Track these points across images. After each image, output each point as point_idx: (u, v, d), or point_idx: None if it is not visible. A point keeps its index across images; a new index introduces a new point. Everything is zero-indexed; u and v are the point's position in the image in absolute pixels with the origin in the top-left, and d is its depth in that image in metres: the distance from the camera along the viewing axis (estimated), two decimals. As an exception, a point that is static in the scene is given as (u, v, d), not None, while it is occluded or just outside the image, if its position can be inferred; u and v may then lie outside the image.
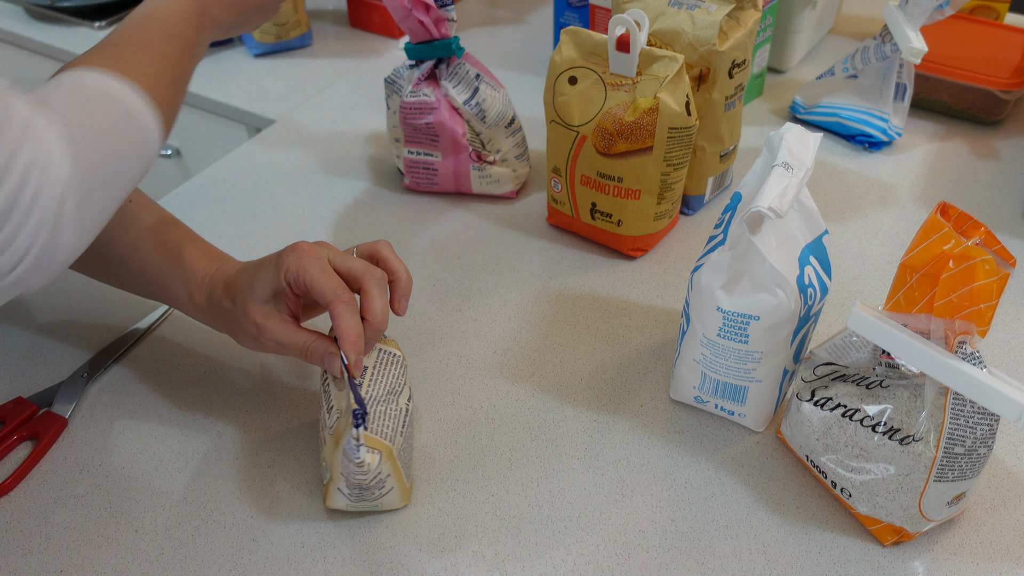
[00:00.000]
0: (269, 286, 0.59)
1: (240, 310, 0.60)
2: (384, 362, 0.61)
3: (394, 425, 0.57)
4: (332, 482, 0.57)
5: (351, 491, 0.57)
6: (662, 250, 0.83)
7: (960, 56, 0.97)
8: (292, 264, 0.58)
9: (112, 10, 1.24)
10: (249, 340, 0.61)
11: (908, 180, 0.91)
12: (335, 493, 0.58)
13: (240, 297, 0.60)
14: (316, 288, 0.57)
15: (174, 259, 0.64)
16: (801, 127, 0.59)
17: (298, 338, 0.60)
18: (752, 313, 0.57)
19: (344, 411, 0.57)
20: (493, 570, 0.57)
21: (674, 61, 0.71)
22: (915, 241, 0.51)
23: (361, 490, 0.57)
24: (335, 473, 0.57)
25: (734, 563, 0.57)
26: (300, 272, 0.58)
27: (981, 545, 0.58)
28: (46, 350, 0.73)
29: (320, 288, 0.57)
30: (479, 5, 1.28)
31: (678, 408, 0.68)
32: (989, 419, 0.51)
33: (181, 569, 0.57)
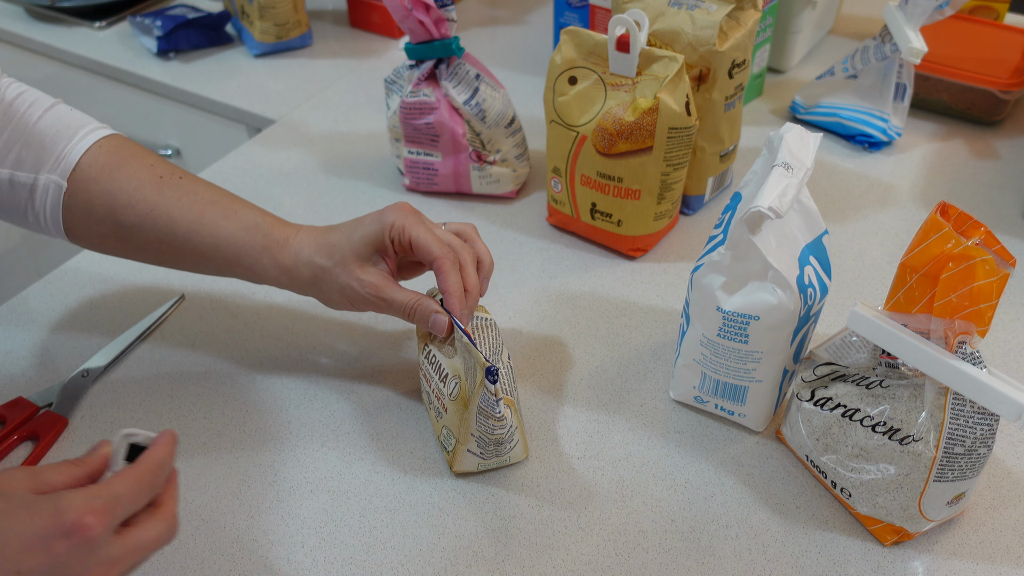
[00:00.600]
0: (371, 243, 0.61)
1: (340, 266, 0.61)
2: (481, 326, 0.63)
3: (510, 380, 0.60)
4: (460, 445, 0.60)
5: (484, 449, 0.60)
6: (662, 250, 0.83)
7: (960, 56, 0.97)
8: (398, 221, 0.60)
9: (112, 10, 1.24)
10: (343, 298, 0.63)
11: (908, 180, 0.91)
12: (464, 456, 0.60)
13: (340, 254, 0.61)
14: (422, 245, 0.60)
15: (249, 227, 0.64)
16: (801, 127, 0.59)
17: (403, 296, 0.61)
18: (752, 313, 0.57)
19: (464, 373, 0.59)
20: (493, 570, 0.57)
21: (674, 61, 0.71)
22: (915, 241, 0.51)
23: (497, 445, 0.59)
24: (463, 436, 0.59)
25: (734, 563, 0.57)
26: (406, 229, 0.60)
27: (981, 545, 0.58)
28: (46, 350, 0.73)
29: (427, 246, 0.60)
30: (479, 5, 1.28)
31: (678, 408, 0.68)
32: (989, 419, 0.51)
33: (181, 569, 0.57)
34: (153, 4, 1.26)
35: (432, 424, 0.65)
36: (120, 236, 0.65)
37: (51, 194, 0.63)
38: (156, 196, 0.63)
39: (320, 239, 0.63)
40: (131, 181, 0.63)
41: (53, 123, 0.64)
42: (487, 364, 0.55)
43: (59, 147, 0.63)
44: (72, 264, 0.82)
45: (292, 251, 0.63)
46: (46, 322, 0.76)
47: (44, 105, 0.64)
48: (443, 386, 0.61)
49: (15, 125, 0.63)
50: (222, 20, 1.17)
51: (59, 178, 0.63)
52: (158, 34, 1.13)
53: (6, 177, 0.63)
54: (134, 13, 1.22)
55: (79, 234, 0.65)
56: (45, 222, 0.64)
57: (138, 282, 0.80)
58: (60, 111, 0.64)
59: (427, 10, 0.77)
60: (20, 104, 0.63)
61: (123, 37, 1.20)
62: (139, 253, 0.66)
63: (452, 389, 0.60)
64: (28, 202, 0.64)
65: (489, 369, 0.55)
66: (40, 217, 0.64)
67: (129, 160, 0.64)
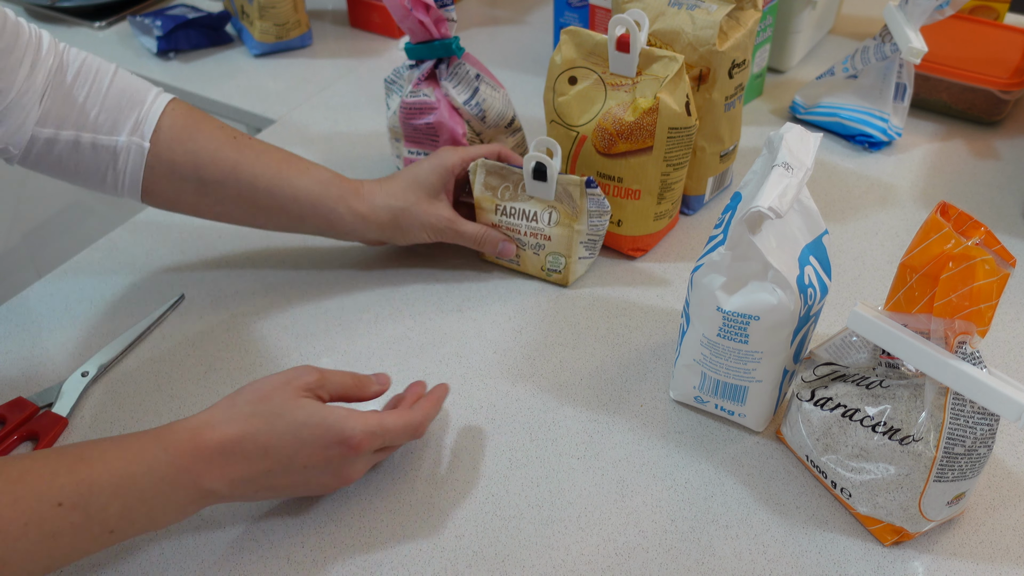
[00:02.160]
0: (439, 182, 0.74)
1: (417, 205, 0.73)
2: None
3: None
4: (571, 259, 0.76)
5: (591, 247, 0.76)
6: (662, 250, 0.83)
7: (960, 56, 0.97)
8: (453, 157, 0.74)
9: (112, 10, 1.24)
10: (423, 232, 0.75)
11: (908, 180, 0.91)
12: (576, 264, 0.77)
13: (415, 195, 0.73)
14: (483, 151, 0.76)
15: (323, 180, 0.73)
16: (801, 127, 0.58)
17: (473, 227, 0.75)
18: (752, 313, 0.57)
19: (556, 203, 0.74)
20: (493, 570, 0.57)
21: (674, 61, 0.71)
22: (915, 241, 0.51)
23: (600, 239, 0.76)
24: (572, 249, 0.75)
25: (734, 563, 0.57)
26: (465, 154, 0.75)
27: (981, 545, 0.58)
28: (46, 350, 0.73)
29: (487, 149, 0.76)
30: (479, 5, 1.28)
31: (678, 408, 0.68)
32: (989, 419, 0.51)
33: (181, 569, 0.57)
34: (153, 4, 1.26)
35: (526, 268, 0.79)
36: (201, 192, 0.70)
37: (133, 155, 0.67)
38: (237, 154, 0.70)
39: (388, 187, 0.74)
40: (212, 140, 0.70)
41: (124, 87, 0.68)
42: (583, 178, 0.71)
43: (135, 111, 0.67)
44: (72, 264, 0.82)
45: (366, 199, 0.73)
46: (46, 322, 0.76)
47: (110, 70, 0.68)
48: (537, 223, 0.75)
49: (89, 89, 0.66)
50: (222, 20, 1.17)
51: (140, 140, 0.67)
52: (158, 34, 1.13)
53: (89, 141, 0.66)
54: (134, 13, 1.22)
55: (156, 192, 0.70)
56: (123, 183, 0.69)
57: (138, 282, 0.80)
58: (124, 76, 0.69)
59: (427, 10, 0.77)
60: (87, 69, 0.67)
61: (123, 37, 1.20)
62: (216, 207, 0.72)
63: (550, 218, 0.74)
64: (110, 164, 0.67)
65: (588, 180, 0.71)
66: (120, 178, 0.68)
67: (203, 122, 0.70)
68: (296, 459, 0.54)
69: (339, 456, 0.55)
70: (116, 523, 0.50)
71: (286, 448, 0.54)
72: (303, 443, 0.54)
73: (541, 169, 0.72)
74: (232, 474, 0.53)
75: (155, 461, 0.51)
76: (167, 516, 0.52)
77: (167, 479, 0.51)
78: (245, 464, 0.53)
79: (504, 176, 0.75)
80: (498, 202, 0.76)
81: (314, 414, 0.54)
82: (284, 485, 0.56)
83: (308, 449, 0.54)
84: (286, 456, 0.54)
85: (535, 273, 0.79)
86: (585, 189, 0.71)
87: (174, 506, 0.52)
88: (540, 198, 0.74)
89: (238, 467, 0.53)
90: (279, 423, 0.54)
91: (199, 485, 0.52)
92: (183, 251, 0.83)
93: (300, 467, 0.55)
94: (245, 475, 0.53)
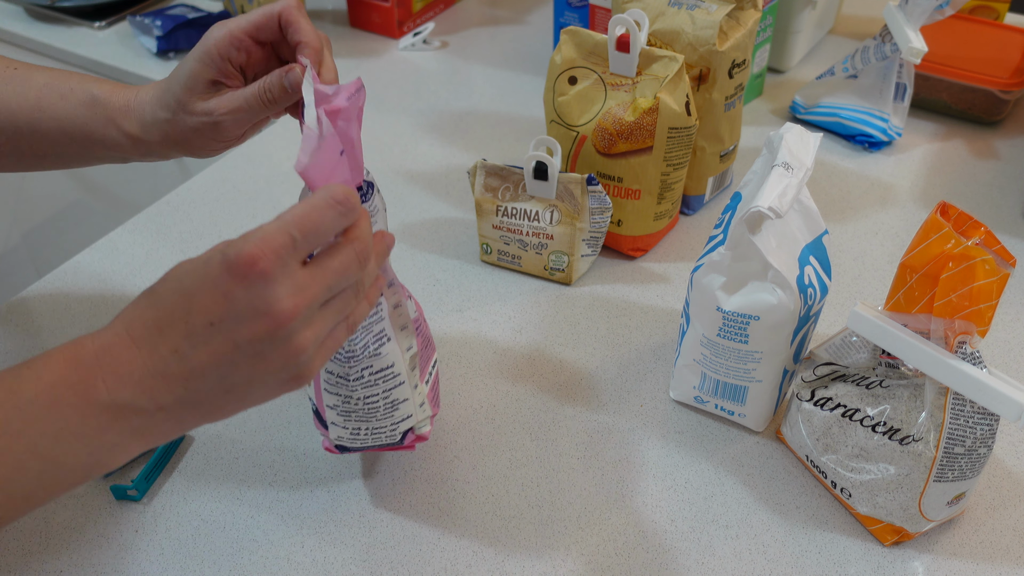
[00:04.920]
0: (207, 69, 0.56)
1: (185, 110, 0.56)
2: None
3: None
4: (573, 257, 0.76)
5: (593, 245, 0.76)
6: (662, 250, 0.83)
7: (960, 56, 0.97)
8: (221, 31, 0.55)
9: (112, 10, 1.24)
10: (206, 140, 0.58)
11: (908, 180, 0.91)
12: (579, 263, 0.77)
13: (181, 96, 0.56)
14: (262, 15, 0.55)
15: (88, 102, 0.59)
16: (801, 127, 0.59)
17: (249, 88, 0.56)
18: (752, 313, 0.57)
19: (557, 202, 0.73)
20: (493, 570, 0.57)
21: (674, 61, 0.71)
22: (915, 241, 0.51)
23: (601, 236, 0.76)
24: (575, 247, 0.75)
25: (734, 563, 0.57)
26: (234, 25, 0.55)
27: (981, 545, 0.58)
28: (46, 350, 0.73)
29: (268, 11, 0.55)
30: (479, 5, 1.28)
31: (678, 408, 0.68)
32: (989, 419, 0.51)
33: (181, 569, 0.57)
34: (153, 4, 1.26)
35: (528, 268, 0.79)
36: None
37: None
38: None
39: (156, 94, 0.58)
40: None
41: None
42: (584, 176, 0.71)
43: None
44: (72, 264, 0.82)
45: (136, 116, 0.59)
46: (46, 322, 0.76)
47: None
48: (539, 222, 0.74)
49: None
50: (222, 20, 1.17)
51: None
52: (158, 34, 1.13)
53: None
54: (134, 13, 1.22)
55: None
56: None
57: (138, 282, 0.80)
58: None
59: None
60: None
61: (123, 37, 1.20)
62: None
63: (552, 217, 0.74)
64: None
65: (589, 177, 0.71)
66: None
67: None
68: (193, 318, 0.40)
69: (241, 287, 0.39)
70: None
71: (177, 310, 0.40)
72: (190, 294, 0.40)
73: (542, 168, 0.72)
74: (131, 371, 0.40)
75: (16, 382, 0.40)
76: (70, 451, 0.40)
77: (38, 400, 0.40)
78: (139, 353, 0.40)
79: (504, 177, 0.75)
80: (499, 203, 0.75)
81: (196, 259, 0.41)
82: (209, 363, 0.41)
83: (200, 297, 0.40)
84: (181, 320, 0.40)
85: (538, 273, 0.79)
86: (586, 187, 0.72)
87: (71, 435, 0.40)
88: (541, 197, 0.74)
89: (134, 360, 0.40)
90: (160, 288, 0.41)
91: (91, 398, 0.40)
92: (183, 251, 0.83)
93: (205, 327, 0.40)
94: (148, 367, 0.40)
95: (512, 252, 0.78)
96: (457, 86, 1.08)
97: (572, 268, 0.77)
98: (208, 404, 0.42)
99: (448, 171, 0.93)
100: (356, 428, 0.56)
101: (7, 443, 0.39)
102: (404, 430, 0.58)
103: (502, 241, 0.78)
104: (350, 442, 0.57)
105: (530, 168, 0.72)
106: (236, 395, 0.42)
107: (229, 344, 0.40)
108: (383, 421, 0.56)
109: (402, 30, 1.18)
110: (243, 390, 0.42)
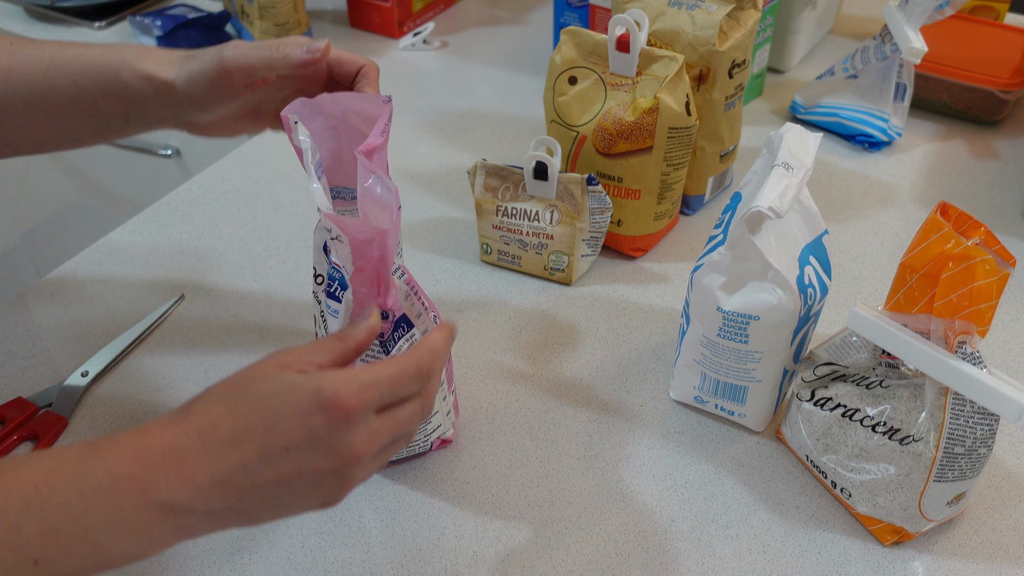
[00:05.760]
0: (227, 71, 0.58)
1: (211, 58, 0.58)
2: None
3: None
4: (574, 257, 0.76)
5: (593, 245, 0.76)
6: (662, 250, 0.83)
7: (960, 56, 0.97)
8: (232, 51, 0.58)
9: (112, 10, 1.24)
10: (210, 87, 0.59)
11: (908, 180, 0.91)
12: (579, 263, 0.77)
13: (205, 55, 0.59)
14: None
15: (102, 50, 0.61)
16: (801, 127, 0.59)
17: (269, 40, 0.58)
18: (752, 313, 0.57)
19: (557, 202, 0.73)
20: (493, 570, 0.57)
21: (674, 61, 0.71)
22: (915, 241, 0.51)
23: (601, 236, 0.76)
24: (575, 247, 0.75)
25: (734, 563, 0.57)
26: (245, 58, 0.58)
27: (981, 545, 0.58)
28: (46, 350, 0.73)
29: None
30: (479, 5, 1.28)
31: (678, 408, 0.68)
32: (989, 419, 0.51)
33: (181, 569, 0.57)
34: (153, 4, 1.26)
35: (528, 268, 0.78)
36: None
37: None
38: (7, 59, 0.60)
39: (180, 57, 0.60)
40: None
41: None
42: (584, 176, 0.71)
43: None
44: (72, 264, 0.82)
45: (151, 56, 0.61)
46: (46, 322, 0.76)
47: None
48: (539, 222, 0.74)
49: None
50: (222, 20, 1.17)
51: None
52: (158, 34, 1.13)
53: None
54: (134, 13, 1.22)
55: None
56: None
57: (138, 282, 0.80)
58: None
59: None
60: None
61: (123, 37, 1.20)
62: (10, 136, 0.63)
63: (552, 217, 0.74)
64: None
65: (589, 177, 0.71)
66: None
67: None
68: (272, 440, 0.42)
69: (325, 425, 0.42)
70: (39, 549, 0.39)
71: (257, 428, 0.42)
72: (276, 416, 0.42)
73: (542, 168, 0.72)
74: (195, 477, 0.41)
75: (83, 467, 0.40)
76: (117, 541, 0.41)
77: (101, 489, 0.40)
78: (208, 460, 0.41)
79: (504, 177, 0.75)
80: (499, 203, 0.75)
81: (284, 380, 0.43)
82: (270, 483, 0.42)
83: (284, 423, 0.42)
84: (260, 438, 0.42)
85: (538, 273, 0.79)
86: (586, 187, 0.72)
87: (122, 526, 0.40)
88: (541, 197, 0.74)
89: (200, 466, 0.41)
90: (243, 401, 0.42)
91: (151, 496, 0.40)
92: (183, 251, 0.83)
93: (281, 451, 0.42)
94: (213, 476, 0.41)
95: (512, 252, 0.78)
96: (457, 86, 1.08)
97: (572, 268, 0.77)
98: (251, 515, 0.44)
99: (448, 171, 0.93)
100: None
101: (65, 527, 0.40)
102: (435, 439, 0.62)
103: (502, 241, 0.77)
104: None
105: (530, 168, 0.72)
106: (278, 512, 0.45)
107: (296, 471, 0.42)
108: (418, 436, 0.59)
109: (402, 30, 1.18)
110: (286, 510, 0.45)
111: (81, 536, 0.40)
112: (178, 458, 0.41)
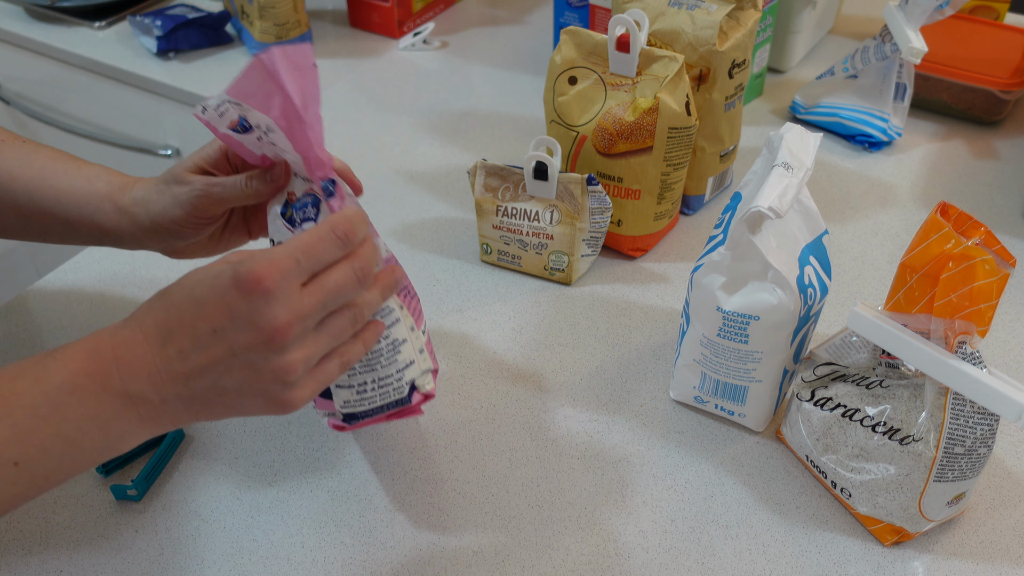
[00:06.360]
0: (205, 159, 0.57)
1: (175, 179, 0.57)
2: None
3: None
4: (574, 257, 0.76)
5: (593, 245, 0.76)
6: (662, 250, 0.83)
7: (960, 56, 0.97)
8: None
9: (112, 10, 1.24)
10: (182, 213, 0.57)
11: (908, 180, 0.91)
12: (579, 263, 0.77)
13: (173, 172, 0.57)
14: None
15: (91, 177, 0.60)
16: (801, 127, 0.59)
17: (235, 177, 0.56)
18: (752, 313, 0.57)
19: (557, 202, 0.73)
20: (493, 570, 0.57)
21: (674, 61, 0.71)
22: (915, 241, 0.51)
23: (601, 236, 0.76)
24: (575, 247, 0.75)
25: (734, 563, 0.57)
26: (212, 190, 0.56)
27: (981, 545, 0.58)
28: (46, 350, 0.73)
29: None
30: (479, 5, 1.28)
31: (678, 408, 0.68)
32: (989, 419, 0.51)
33: (181, 569, 0.57)
34: (153, 4, 1.26)
35: (528, 268, 0.79)
36: None
37: None
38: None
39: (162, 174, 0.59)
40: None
41: None
42: (584, 176, 0.71)
43: None
44: (72, 264, 0.82)
45: (131, 193, 0.59)
46: (46, 322, 0.76)
47: None
48: (539, 222, 0.75)
49: None
50: (222, 20, 1.17)
51: None
52: (158, 34, 1.13)
53: None
54: (134, 13, 1.22)
55: None
56: None
57: (138, 282, 0.80)
58: None
59: None
60: None
61: (123, 37, 1.20)
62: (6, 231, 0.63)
63: (552, 217, 0.74)
64: None
65: (589, 177, 0.71)
66: None
67: None
68: (199, 324, 0.44)
69: (244, 300, 0.43)
70: (16, 450, 0.42)
71: (186, 315, 0.44)
72: (200, 302, 0.44)
73: (542, 168, 0.72)
74: (143, 367, 0.45)
75: (44, 371, 0.44)
76: (88, 436, 0.44)
77: (64, 388, 0.43)
78: (151, 351, 0.45)
79: (504, 177, 0.75)
80: (499, 203, 0.75)
81: (211, 269, 0.45)
82: (206, 366, 0.45)
83: (208, 306, 0.44)
84: (189, 324, 0.44)
85: (538, 273, 0.79)
86: (586, 187, 0.72)
87: (90, 420, 0.44)
88: (541, 197, 0.74)
89: (145, 356, 0.45)
90: (176, 294, 0.46)
91: (110, 386, 0.44)
92: (183, 251, 0.83)
93: (208, 333, 0.44)
94: (158, 364, 0.45)
95: (512, 252, 0.78)
96: (457, 86, 1.08)
97: (572, 268, 0.77)
98: (202, 402, 0.46)
99: (448, 171, 0.93)
100: (363, 383, 0.54)
101: (35, 426, 0.43)
102: (409, 380, 0.56)
103: (502, 241, 0.77)
104: (357, 405, 0.55)
105: (530, 168, 0.72)
106: (227, 399, 0.46)
107: (226, 350, 0.44)
108: (388, 368, 0.54)
109: (402, 30, 1.18)
110: (233, 396, 0.46)
111: (54, 434, 0.43)
112: (124, 351, 0.45)
